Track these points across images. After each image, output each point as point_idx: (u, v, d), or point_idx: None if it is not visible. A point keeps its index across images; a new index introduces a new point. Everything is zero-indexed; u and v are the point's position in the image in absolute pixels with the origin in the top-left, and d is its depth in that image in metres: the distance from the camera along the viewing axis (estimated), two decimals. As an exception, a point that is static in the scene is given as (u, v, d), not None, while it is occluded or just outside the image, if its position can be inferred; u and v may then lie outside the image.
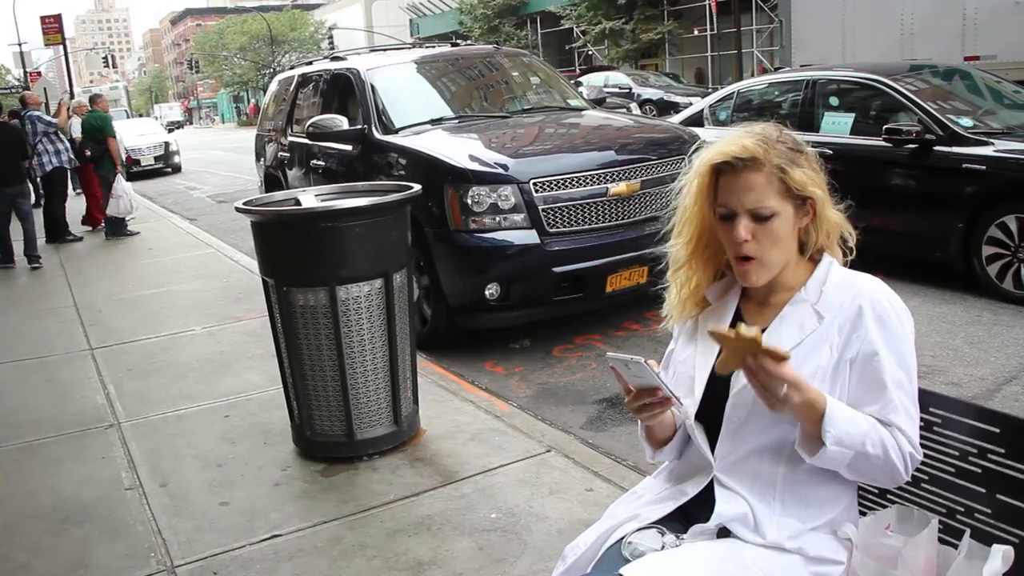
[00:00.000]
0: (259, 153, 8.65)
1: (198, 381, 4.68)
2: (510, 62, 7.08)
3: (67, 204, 10.76)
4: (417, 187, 3.61)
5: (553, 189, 4.82)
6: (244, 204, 3.49)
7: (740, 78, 15.59)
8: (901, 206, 5.78)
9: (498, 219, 4.78)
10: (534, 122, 5.98)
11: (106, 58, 48.96)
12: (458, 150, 5.12)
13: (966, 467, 1.58)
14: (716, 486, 1.59)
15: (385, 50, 7.70)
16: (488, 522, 2.93)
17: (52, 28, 27.11)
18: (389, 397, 3.48)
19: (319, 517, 3.06)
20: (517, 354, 5.11)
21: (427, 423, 3.78)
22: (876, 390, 1.51)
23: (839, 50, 14.50)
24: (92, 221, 11.25)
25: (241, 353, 5.10)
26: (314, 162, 6.71)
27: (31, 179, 12.66)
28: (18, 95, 16.55)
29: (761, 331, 1.43)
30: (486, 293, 4.79)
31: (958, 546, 1.50)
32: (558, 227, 4.83)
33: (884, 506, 1.70)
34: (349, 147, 6.05)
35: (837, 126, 6.23)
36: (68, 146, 10.56)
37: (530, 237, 4.79)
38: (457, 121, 5.93)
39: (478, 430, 3.72)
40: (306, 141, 6.63)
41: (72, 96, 22.38)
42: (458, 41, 8.93)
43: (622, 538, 1.60)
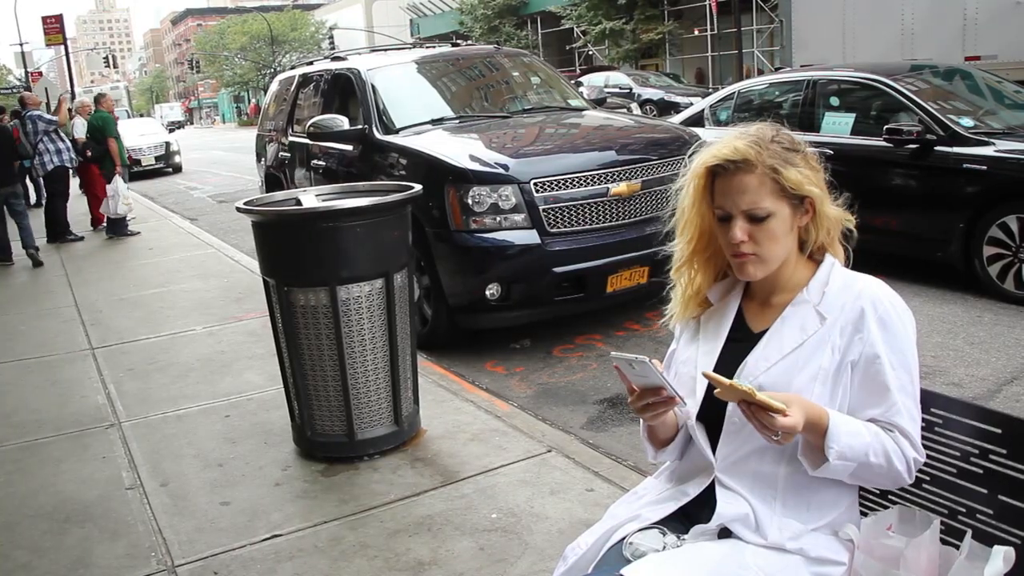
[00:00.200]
0: (260, 153, 8.65)
1: (199, 381, 4.68)
2: (510, 62, 7.08)
3: (68, 204, 10.77)
4: (418, 187, 3.61)
5: (554, 189, 4.82)
6: (245, 204, 3.49)
7: (741, 78, 15.57)
8: (902, 206, 5.78)
9: (499, 219, 4.78)
10: (535, 122, 5.97)
11: (107, 58, 48.96)
12: (459, 150, 5.12)
13: (967, 468, 1.58)
14: (717, 486, 1.60)
15: (386, 50, 7.71)
16: (489, 522, 2.93)
17: (53, 28, 27.17)
18: (390, 397, 3.48)
19: (320, 517, 3.06)
20: (518, 354, 5.11)
21: (428, 423, 3.78)
22: (878, 393, 1.52)
23: (839, 50, 14.49)
24: (94, 220, 11.26)
25: (242, 353, 5.11)
26: (315, 162, 6.71)
27: (32, 179, 12.73)
28: (18, 95, 16.55)
29: (764, 330, 1.43)
30: (487, 293, 4.79)
31: (959, 547, 1.50)
32: (559, 227, 4.83)
33: (886, 507, 1.70)
34: (350, 147, 6.05)
35: (838, 126, 6.23)
36: (69, 145, 10.59)
37: (531, 237, 4.79)
38: (458, 121, 5.93)
39: (479, 430, 3.72)
40: (307, 141, 6.63)
41: (73, 96, 22.39)
42: (458, 41, 8.93)
43: (623, 538, 1.60)
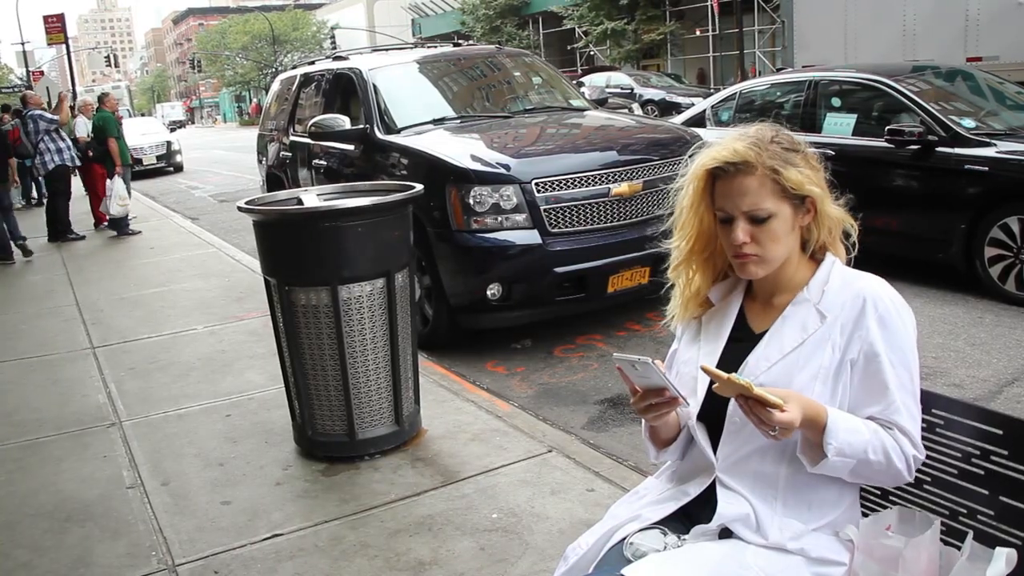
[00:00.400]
0: (261, 153, 8.65)
1: (199, 380, 4.68)
2: (512, 62, 7.08)
3: (71, 203, 10.78)
4: (419, 187, 3.61)
5: (555, 189, 4.82)
6: (246, 203, 3.49)
7: (744, 78, 15.58)
8: (903, 207, 5.77)
9: (500, 219, 4.78)
10: (536, 122, 5.97)
11: (108, 57, 49.05)
12: (460, 150, 5.12)
13: (968, 469, 1.58)
14: (718, 486, 1.60)
15: (387, 50, 7.70)
16: (489, 522, 2.93)
17: (55, 27, 27.20)
18: (391, 397, 3.48)
19: (320, 516, 3.06)
20: (518, 354, 5.11)
21: (428, 423, 3.78)
22: (878, 390, 1.52)
23: (841, 51, 14.48)
24: (95, 220, 11.27)
25: (243, 352, 5.11)
26: (316, 162, 6.71)
27: (34, 178, 12.77)
28: (19, 94, 16.59)
29: (766, 331, 1.43)
30: (488, 293, 4.79)
31: (960, 548, 1.50)
32: (560, 227, 4.83)
33: (886, 507, 1.69)
34: (351, 147, 6.05)
35: (839, 127, 6.22)
36: (70, 144, 10.61)
37: (532, 237, 4.79)
38: (459, 121, 5.92)
39: (479, 430, 3.72)
40: (308, 141, 6.63)
41: (75, 95, 22.39)
42: (460, 41, 8.92)
43: (624, 538, 1.60)
